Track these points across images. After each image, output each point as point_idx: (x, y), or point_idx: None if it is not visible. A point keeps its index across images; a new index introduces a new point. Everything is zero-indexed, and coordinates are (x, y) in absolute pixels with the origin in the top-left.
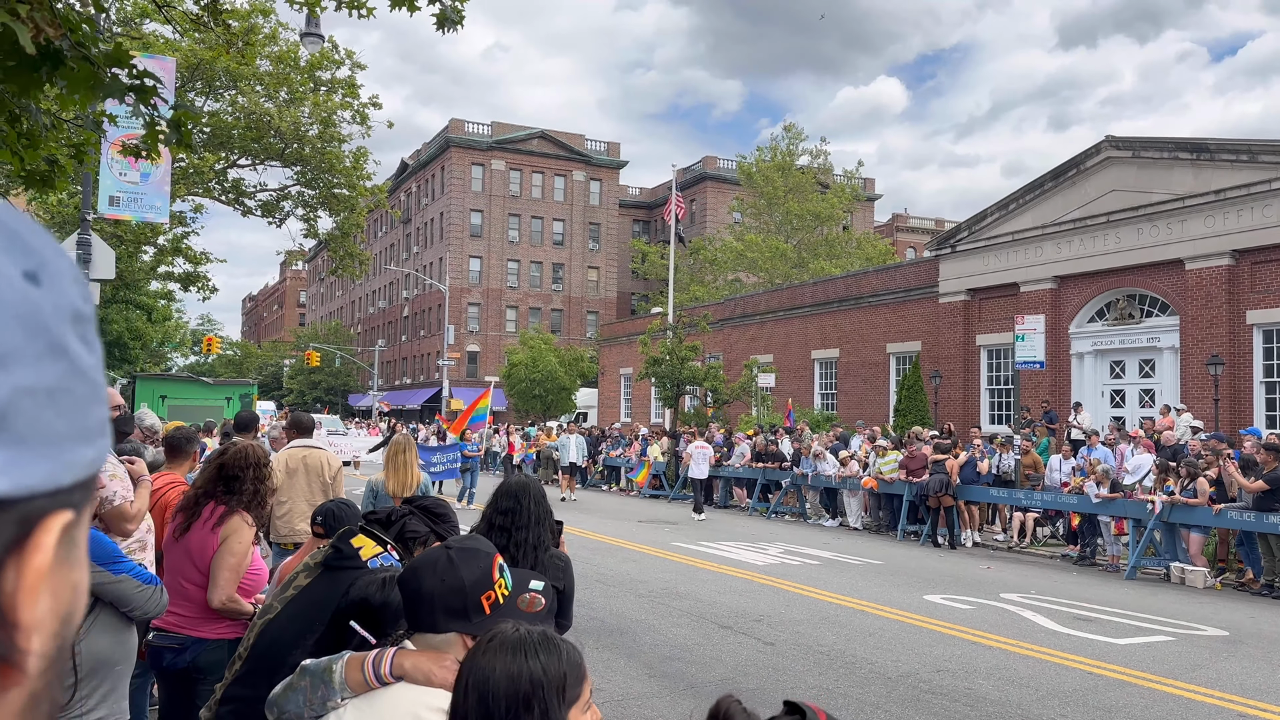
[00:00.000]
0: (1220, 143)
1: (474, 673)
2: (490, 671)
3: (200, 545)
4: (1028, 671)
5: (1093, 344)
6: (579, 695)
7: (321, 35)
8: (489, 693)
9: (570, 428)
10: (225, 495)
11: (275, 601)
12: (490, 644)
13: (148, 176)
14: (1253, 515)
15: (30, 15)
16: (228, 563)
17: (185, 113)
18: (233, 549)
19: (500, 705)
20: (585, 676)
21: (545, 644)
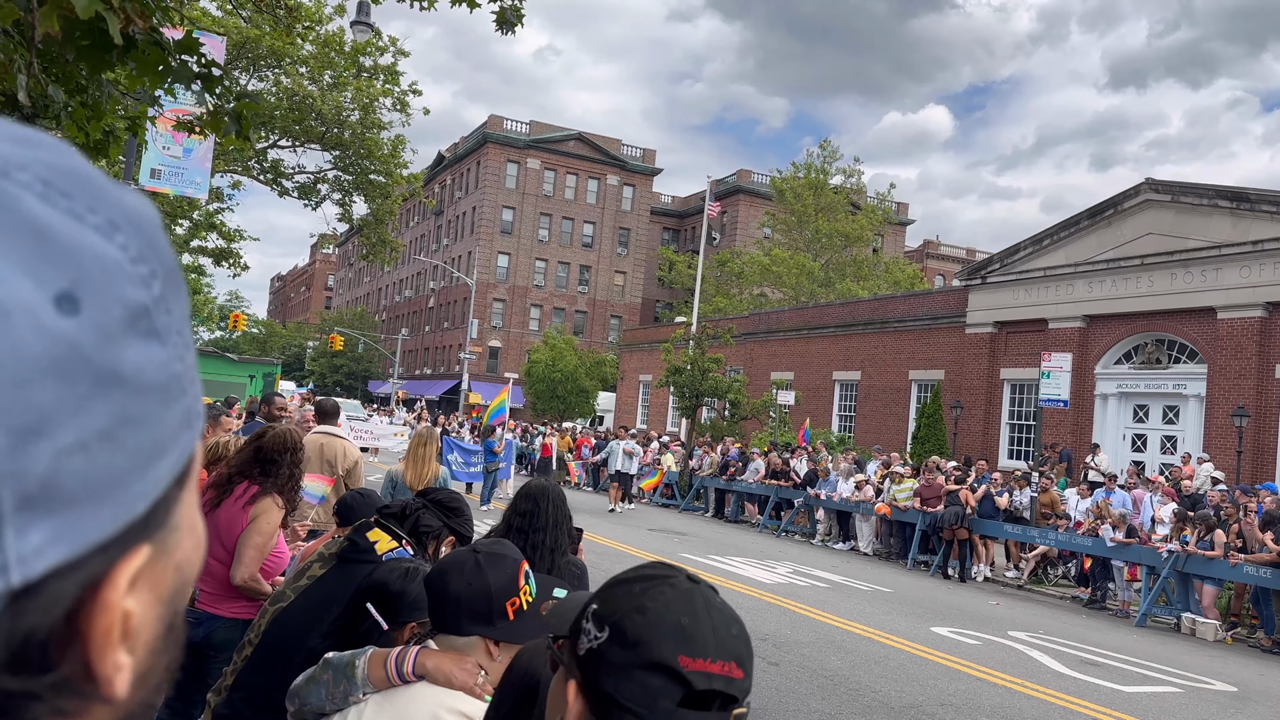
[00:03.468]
0: (1261, 193)
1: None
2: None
3: (229, 522)
4: (1032, 712)
5: (1118, 386)
6: None
7: (370, 25)
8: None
9: (620, 433)
10: (260, 477)
11: (288, 590)
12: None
13: (190, 152)
14: (1269, 571)
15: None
16: (254, 541)
17: (249, 104)
18: (261, 528)
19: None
20: None
21: None
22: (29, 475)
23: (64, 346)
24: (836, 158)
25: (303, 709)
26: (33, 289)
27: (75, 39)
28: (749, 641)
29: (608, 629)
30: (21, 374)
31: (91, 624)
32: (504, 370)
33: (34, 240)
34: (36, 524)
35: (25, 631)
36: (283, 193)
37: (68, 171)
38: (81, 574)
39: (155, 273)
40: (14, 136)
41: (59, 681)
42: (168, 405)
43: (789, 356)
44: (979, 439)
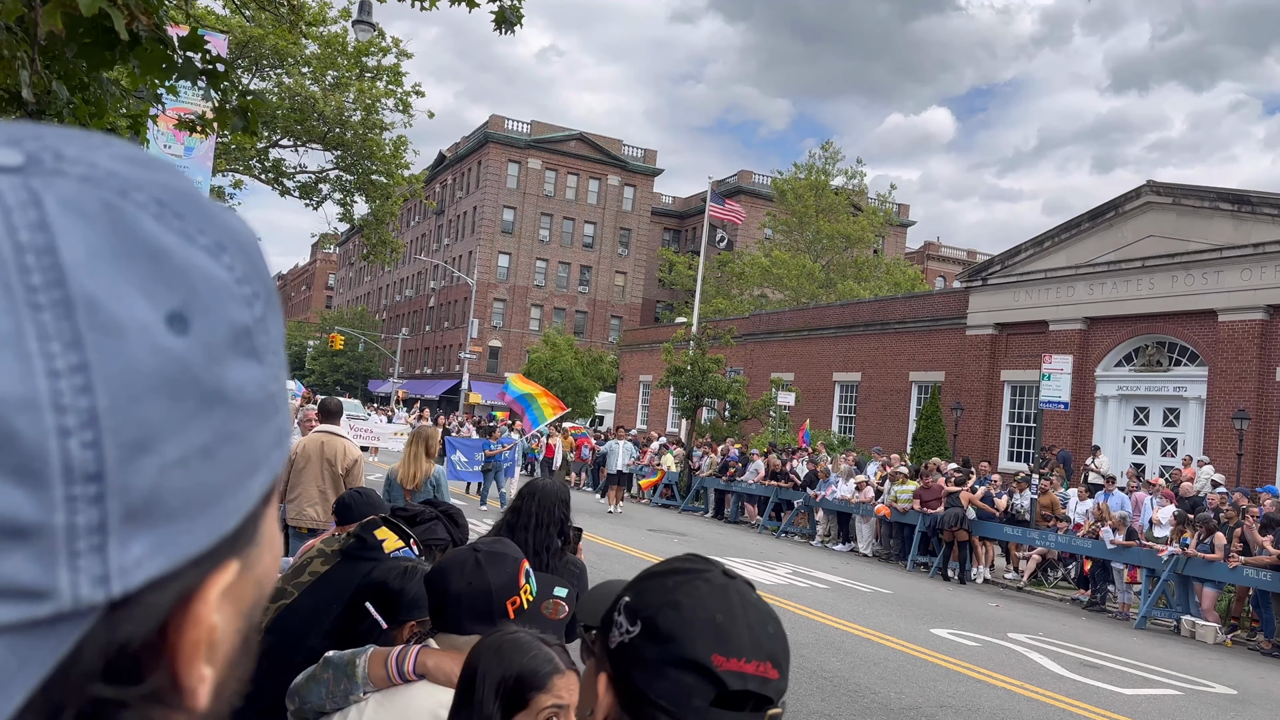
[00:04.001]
0: (1263, 196)
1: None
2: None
3: None
4: (1032, 714)
5: (1118, 388)
6: (527, 701)
7: (372, 24)
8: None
9: (620, 432)
10: None
11: (289, 586)
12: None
13: (191, 150)
14: (1269, 574)
15: (125, 2)
16: None
17: (256, 100)
18: None
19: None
20: (546, 688)
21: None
22: (135, 489)
23: (174, 365)
24: (838, 159)
25: (303, 707)
26: (148, 308)
27: (78, 36)
28: (785, 640)
29: (640, 623)
30: (135, 390)
31: (182, 636)
32: (505, 370)
33: (149, 260)
34: (138, 537)
35: (121, 641)
36: (284, 192)
37: (180, 193)
38: (176, 587)
39: (257, 294)
40: (131, 157)
41: (149, 692)
42: (263, 424)
43: (789, 357)
44: (979, 441)
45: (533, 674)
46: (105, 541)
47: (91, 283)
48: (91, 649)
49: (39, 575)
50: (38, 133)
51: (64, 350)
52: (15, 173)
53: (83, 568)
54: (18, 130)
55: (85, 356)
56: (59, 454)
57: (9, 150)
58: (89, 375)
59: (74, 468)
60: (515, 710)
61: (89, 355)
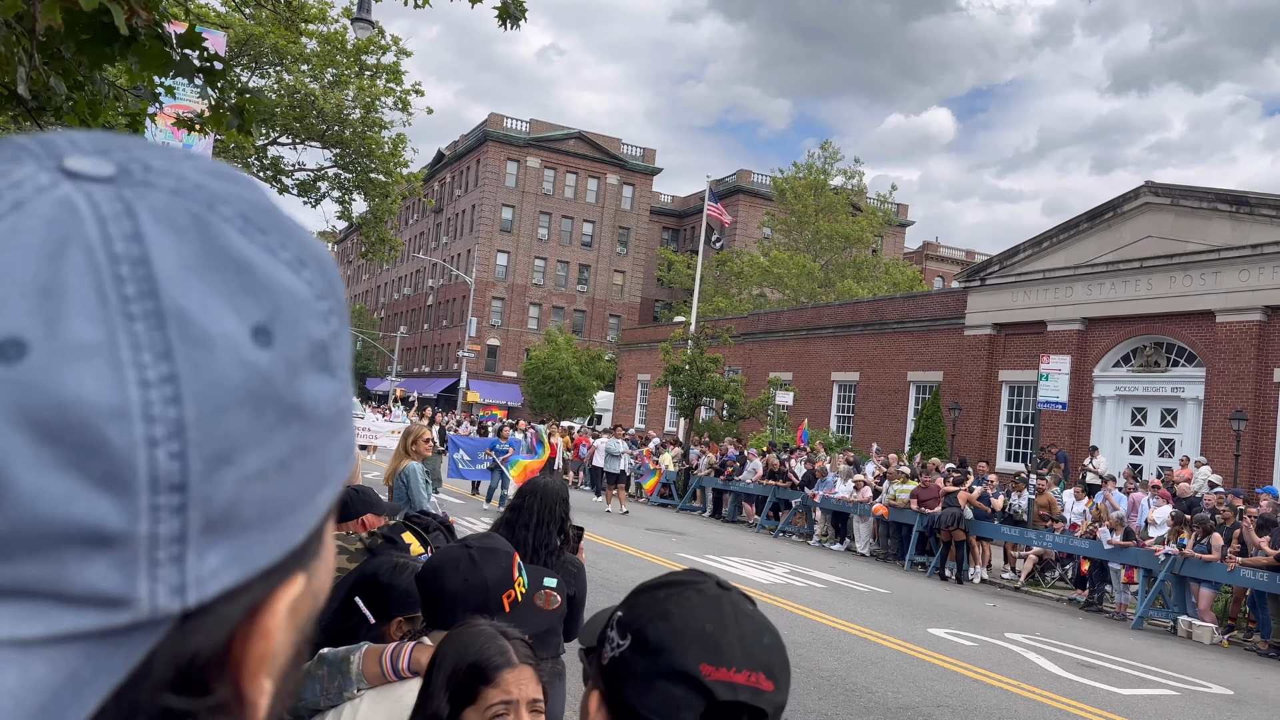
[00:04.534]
0: (1261, 197)
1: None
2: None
3: None
4: (1028, 714)
5: (1116, 389)
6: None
7: (371, 21)
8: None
9: (619, 432)
10: None
11: None
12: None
13: (190, 148)
14: (1266, 575)
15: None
16: None
17: (252, 99)
18: None
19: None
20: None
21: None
22: (215, 501)
23: (258, 378)
24: (837, 158)
25: (298, 704)
26: (235, 321)
27: (76, 32)
28: (783, 652)
29: (630, 636)
30: (221, 403)
31: (249, 649)
32: (503, 369)
33: (236, 274)
34: (215, 548)
35: (191, 652)
36: (282, 190)
37: (263, 208)
38: (246, 599)
39: (333, 310)
40: (215, 171)
41: (216, 704)
42: (333, 438)
43: (787, 357)
44: (977, 441)
45: (483, 666)
46: (184, 552)
47: (182, 295)
48: (163, 659)
49: (120, 584)
50: (124, 144)
51: (155, 361)
52: (108, 183)
53: (161, 577)
54: (105, 140)
55: (175, 368)
56: (146, 464)
57: (100, 160)
58: (178, 387)
59: (160, 478)
60: (465, 704)
61: (179, 367)
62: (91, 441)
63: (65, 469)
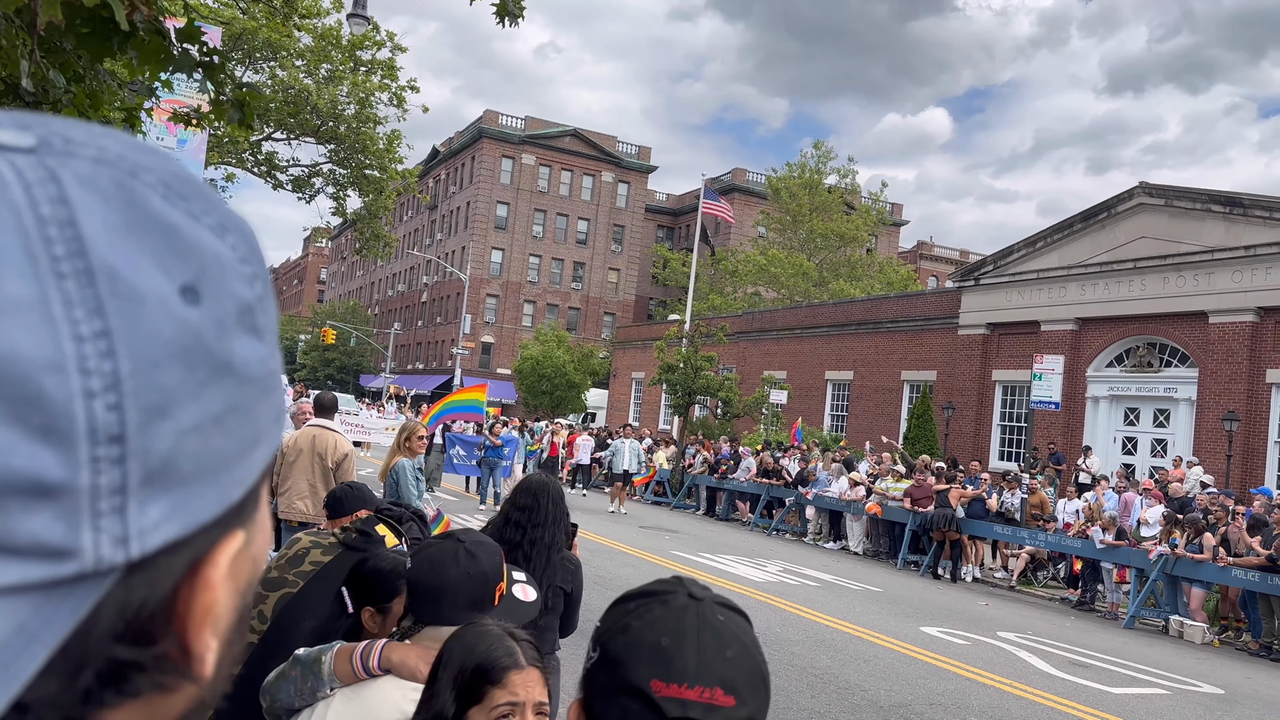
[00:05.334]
0: (1254, 198)
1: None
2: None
3: None
4: (1020, 712)
5: (1109, 389)
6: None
7: (366, 17)
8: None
9: (626, 431)
10: None
11: (289, 575)
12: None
13: (184, 143)
14: (1257, 575)
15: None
16: None
17: (251, 93)
18: None
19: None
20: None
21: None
22: (154, 453)
23: (189, 334)
24: (831, 158)
25: (274, 705)
26: (163, 280)
27: (77, 26)
28: (752, 664)
29: (599, 649)
30: (154, 357)
31: (193, 601)
32: (497, 366)
33: (162, 236)
34: (156, 500)
35: (136, 604)
36: (277, 185)
37: (184, 177)
38: (189, 552)
39: (257, 274)
40: (134, 144)
41: (161, 655)
42: (265, 398)
43: (782, 356)
44: (970, 440)
45: (489, 667)
46: (125, 503)
47: (111, 254)
48: (109, 611)
49: (64, 534)
50: (43, 120)
51: (87, 316)
52: (29, 153)
53: (104, 528)
54: (24, 117)
55: (108, 323)
56: (84, 415)
57: (20, 133)
58: (112, 341)
59: (98, 429)
60: (470, 704)
61: (111, 322)
62: (29, 394)
63: (4, 421)
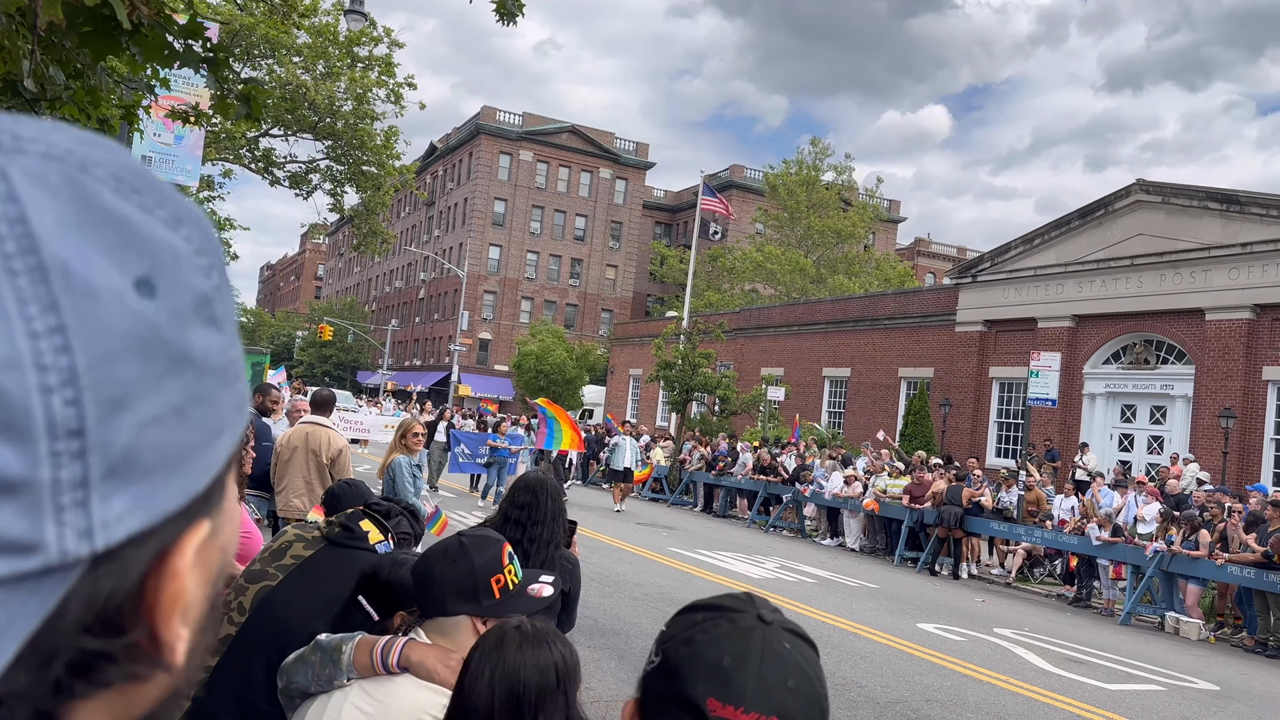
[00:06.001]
0: (1251, 196)
1: (501, 667)
2: (520, 665)
3: None
4: (1016, 709)
5: (1106, 386)
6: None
7: (364, 14)
8: (521, 684)
9: (624, 428)
10: None
11: (270, 569)
12: (506, 638)
13: (181, 139)
14: (1253, 571)
15: None
16: None
17: (256, 87)
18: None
19: (531, 695)
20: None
21: (558, 636)
22: (114, 446)
23: (145, 327)
24: (828, 154)
25: (289, 686)
26: (117, 274)
27: (78, 25)
28: (813, 696)
29: (661, 654)
30: (111, 350)
31: (161, 591)
32: (495, 363)
33: (114, 230)
34: (119, 492)
35: (104, 595)
36: (274, 182)
37: (135, 170)
38: (154, 542)
39: (214, 265)
40: (84, 139)
41: (132, 645)
42: (226, 388)
43: (779, 352)
44: (967, 437)
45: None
46: (88, 496)
47: (63, 250)
48: (76, 603)
49: (27, 529)
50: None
51: (41, 313)
52: None
53: (68, 521)
54: None
55: (62, 319)
56: (43, 411)
57: None
58: (67, 336)
59: (57, 424)
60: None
61: (66, 318)
62: None
63: None
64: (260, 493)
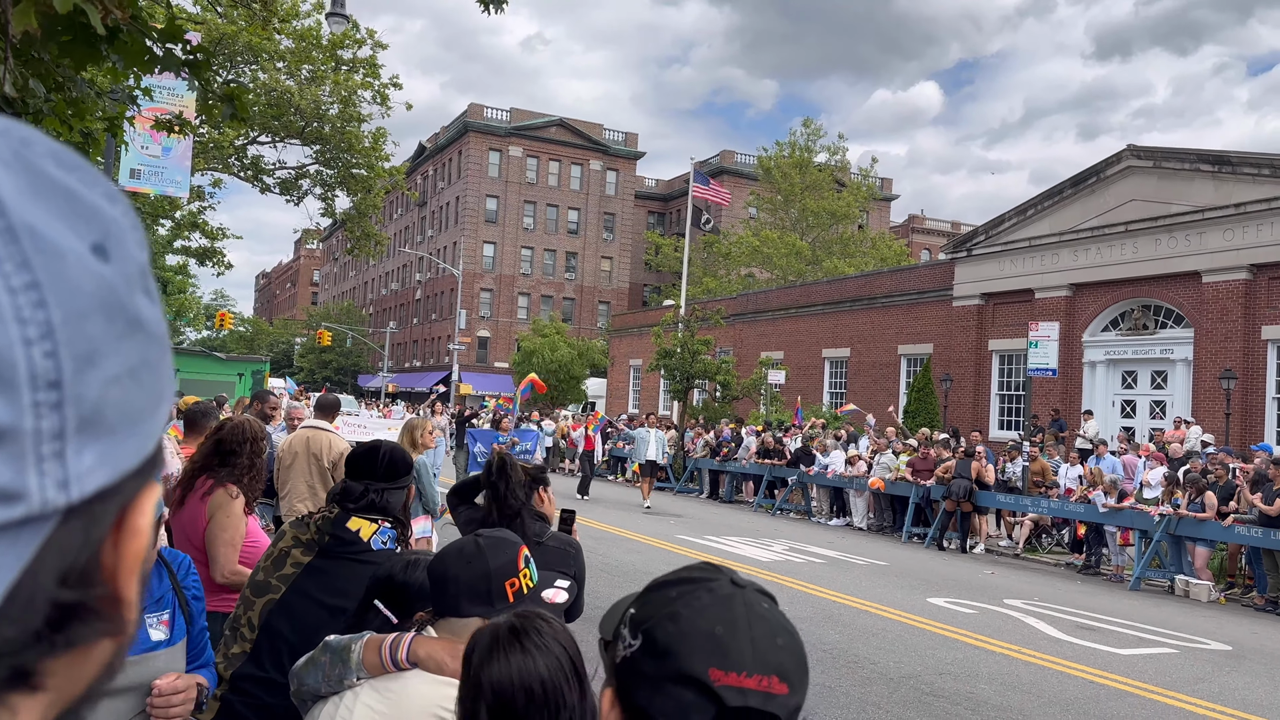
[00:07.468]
0: (1242, 156)
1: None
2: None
3: (192, 518)
4: (1030, 678)
5: (1105, 353)
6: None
7: (345, 16)
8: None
9: (651, 421)
10: (220, 468)
11: (272, 579)
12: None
13: (169, 151)
14: (1260, 531)
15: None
16: (221, 538)
17: (239, 88)
18: (223, 524)
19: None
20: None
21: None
22: (85, 400)
23: (106, 288)
24: (820, 135)
25: (301, 689)
26: (76, 239)
27: (56, 34)
28: (799, 653)
29: (640, 636)
30: (80, 308)
31: (124, 548)
32: (494, 360)
33: (65, 200)
34: (89, 446)
35: (74, 550)
36: (264, 189)
37: (65, 150)
38: (117, 500)
39: (143, 241)
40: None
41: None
42: (165, 356)
43: (778, 336)
44: (969, 411)
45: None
46: (64, 448)
47: (28, 214)
48: (51, 554)
49: (12, 478)
50: None
51: (16, 270)
52: None
53: (48, 472)
54: None
55: (36, 276)
56: (25, 362)
57: None
58: (42, 292)
59: (38, 375)
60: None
61: (39, 275)
62: None
63: None
64: (264, 499)
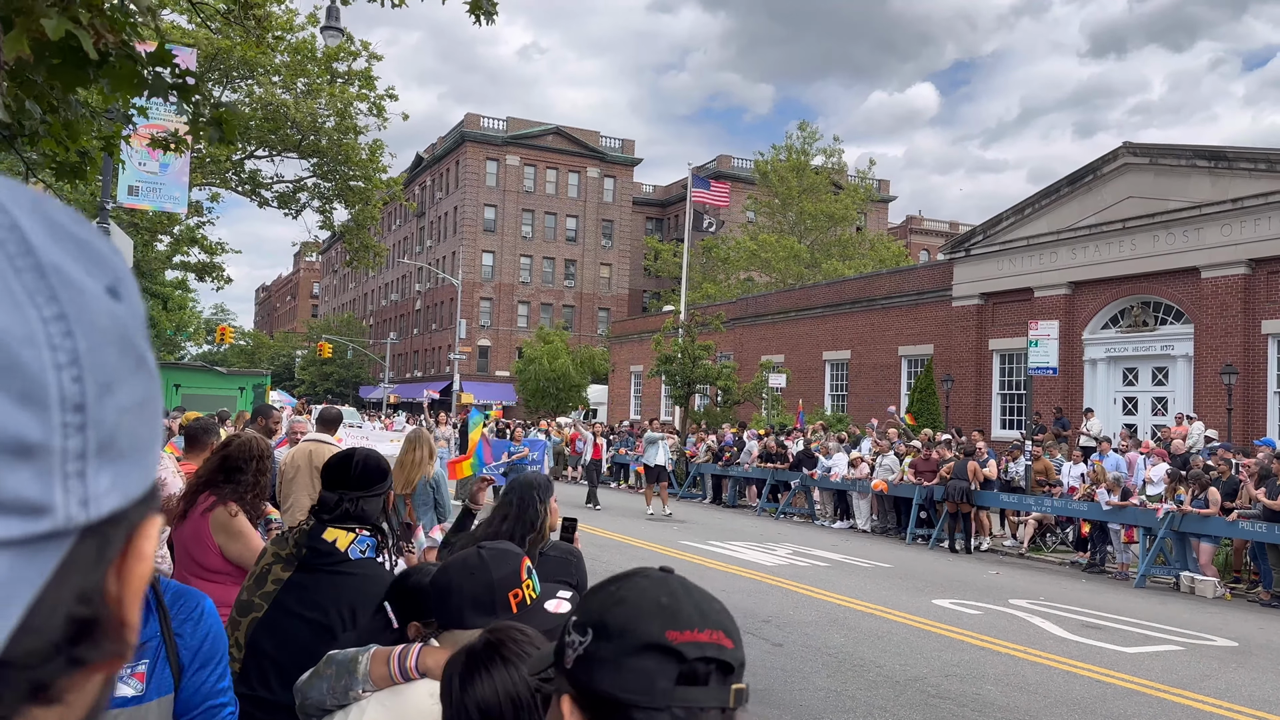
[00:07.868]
0: (1239, 151)
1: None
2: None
3: (194, 532)
4: (1036, 678)
5: (1106, 351)
6: None
7: (340, 29)
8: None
9: (655, 426)
10: (224, 485)
11: (255, 598)
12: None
13: (167, 167)
14: (1264, 526)
15: (91, 22)
16: (246, 557)
17: (228, 111)
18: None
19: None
20: None
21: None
22: (104, 425)
23: (120, 325)
24: (816, 138)
25: (305, 703)
26: (92, 280)
27: (47, 59)
28: (732, 617)
29: (591, 630)
30: (100, 340)
31: (130, 572)
32: (495, 369)
33: (80, 247)
34: (105, 469)
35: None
36: (263, 203)
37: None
38: (126, 524)
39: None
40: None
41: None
42: (160, 397)
43: (778, 339)
44: (971, 411)
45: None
46: (86, 468)
47: (52, 255)
48: (70, 572)
49: (41, 492)
50: None
51: (46, 302)
52: None
53: (72, 489)
54: None
55: (63, 309)
56: (56, 384)
57: None
58: (69, 323)
59: (67, 398)
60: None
61: (66, 308)
62: (9, 363)
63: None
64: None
